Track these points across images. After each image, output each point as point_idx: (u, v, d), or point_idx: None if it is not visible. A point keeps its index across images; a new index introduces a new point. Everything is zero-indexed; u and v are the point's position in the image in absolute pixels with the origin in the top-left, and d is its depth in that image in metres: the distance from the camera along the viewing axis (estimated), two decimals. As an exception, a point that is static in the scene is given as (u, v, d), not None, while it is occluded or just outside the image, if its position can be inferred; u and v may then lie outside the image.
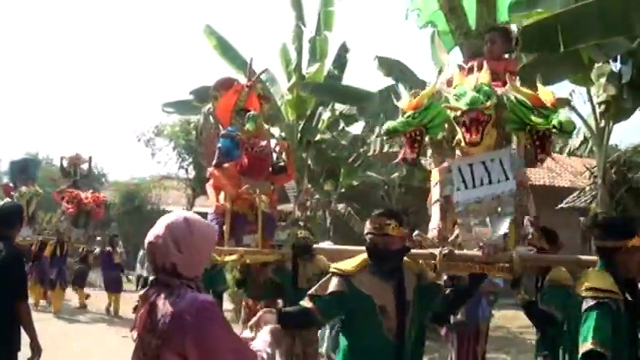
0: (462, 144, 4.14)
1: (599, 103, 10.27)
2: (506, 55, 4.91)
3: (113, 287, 14.93)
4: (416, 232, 4.49)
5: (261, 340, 2.59)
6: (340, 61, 15.28)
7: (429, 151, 4.92)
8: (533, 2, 8.98)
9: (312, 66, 14.60)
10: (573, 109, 10.95)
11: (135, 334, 2.33)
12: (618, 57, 9.64)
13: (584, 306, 3.32)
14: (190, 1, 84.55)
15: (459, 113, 4.06)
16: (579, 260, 4.07)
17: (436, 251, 4.06)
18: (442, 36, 6.39)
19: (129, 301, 16.06)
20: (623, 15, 7.06)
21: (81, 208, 14.66)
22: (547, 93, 4.10)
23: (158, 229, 2.38)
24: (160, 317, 2.23)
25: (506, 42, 4.84)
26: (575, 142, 12.03)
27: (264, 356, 2.43)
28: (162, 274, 2.33)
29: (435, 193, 4.57)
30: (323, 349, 8.79)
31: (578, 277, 3.63)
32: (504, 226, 4.01)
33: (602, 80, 9.87)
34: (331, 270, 3.74)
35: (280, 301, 6.82)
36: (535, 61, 8.73)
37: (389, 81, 12.03)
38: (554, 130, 3.85)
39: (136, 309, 7.47)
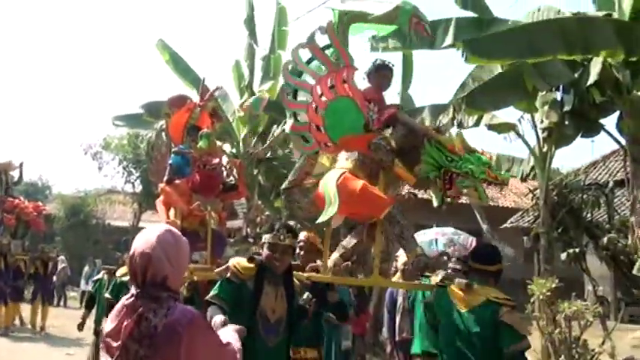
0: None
1: (543, 129, 10.64)
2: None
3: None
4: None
5: (229, 335, 2.71)
6: (294, 80, 15.38)
7: None
8: (480, 29, 9.29)
9: (265, 84, 14.68)
10: (519, 134, 11.31)
11: (114, 343, 2.36)
12: (561, 86, 10.03)
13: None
14: (144, 15, 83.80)
15: None
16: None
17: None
18: None
19: (71, 317, 15.74)
20: (581, 34, 7.43)
21: (20, 217, 14.24)
22: (458, 142, 4.63)
23: (149, 242, 2.41)
24: (151, 329, 2.30)
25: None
26: (526, 167, 12.40)
27: (239, 345, 2.61)
28: (150, 288, 2.38)
29: None
30: None
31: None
32: None
33: (546, 108, 10.24)
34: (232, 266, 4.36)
35: None
36: (481, 87, 9.05)
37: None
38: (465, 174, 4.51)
39: (81, 326, 7.32)
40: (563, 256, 11.15)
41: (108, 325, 2.44)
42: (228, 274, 4.10)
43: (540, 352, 8.47)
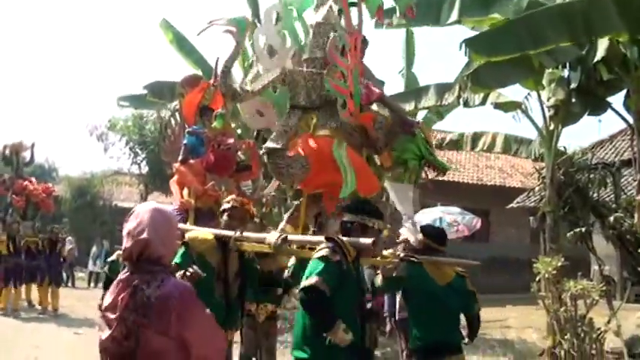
0: None
1: (549, 107, 10.56)
2: None
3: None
4: None
5: None
6: (297, 59, 15.31)
7: None
8: (486, 6, 9.18)
9: (269, 64, 14.60)
10: (525, 113, 11.23)
11: (112, 316, 2.47)
12: (567, 63, 9.93)
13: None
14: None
15: None
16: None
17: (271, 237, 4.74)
18: None
19: (80, 297, 15.84)
20: (584, 18, 7.32)
21: (29, 199, 14.22)
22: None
23: (143, 226, 2.53)
24: (145, 299, 2.43)
25: None
26: (536, 147, 12.34)
27: None
28: (144, 263, 2.52)
29: None
30: None
31: None
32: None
33: (553, 85, 10.15)
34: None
35: None
36: (487, 64, 8.96)
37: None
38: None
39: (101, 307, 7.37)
40: (570, 235, 11.11)
41: (106, 299, 2.56)
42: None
43: (546, 329, 8.47)
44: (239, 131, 14.90)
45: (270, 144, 4.81)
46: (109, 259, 9.39)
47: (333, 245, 3.87)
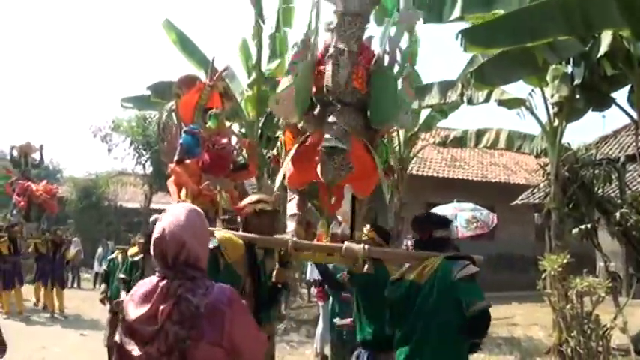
0: None
1: (553, 104, 10.53)
2: None
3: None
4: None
5: None
6: (300, 58, 15.31)
7: None
8: (488, 3, 9.14)
9: (272, 62, 14.58)
10: (529, 109, 11.20)
11: (148, 328, 2.26)
12: (571, 59, 9.90)
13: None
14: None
15: None
16: (414, 255, 4.21)
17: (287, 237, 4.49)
18: None
19: (85, 298, 15.87)
20: (582, 13, 7.26)
21: (32, 200, 14.20)
22: None
23: (180, 225, 2.37)
24: (192, 309, 2.24)
25: None
26: (540, 144, 12.32)
27: None
28: (184, 268, 2.33)
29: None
30: (317, 346, 8.92)
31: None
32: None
33: (556, 81, 10.12)
34: None
35: None
36: (490, 61, 8.92)
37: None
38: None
39: (104, 300, 7.31)
40: (575, 232, 11.08)
41: (134, 310, 2.32)
42: None
43: (552, 327, 8.46)
44: (243, 130, 14.93)
45: (336, 143, 4.44)
46: (109, 257, 9.43)
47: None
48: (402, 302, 3.84)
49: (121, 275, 7.90)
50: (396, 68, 4.80)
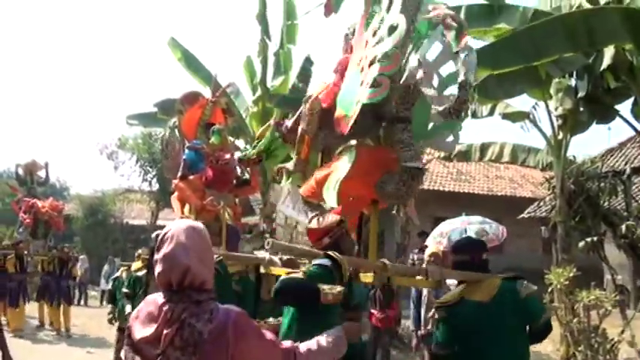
0: None
1: (557, 117, 10.55)
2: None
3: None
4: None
5: (323, 335, 2.66)
6: (304, 74, 15.41)
7: None
8: (491, 16, 9.19)
9: (277, 79, 14.69)
10: (534, 122, 11.22)
11: (153, 351, 2.22)
12: (574, 72, 9.93)
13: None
14: (155, 14, 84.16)
15: None
16: (479, 277, 4.15)
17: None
18: None
19: (92, 316, 15.86)
20: (586, 30, 7.30)
21: (38, 217, 14.20)
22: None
23: (184, 248, 2.29)
24: (196, 335, 2.19)
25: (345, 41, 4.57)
26: (545, 157, 12.31)
27: (305, 348, 2.50)
28: (189, 292, 2.26)
29: None
30: None
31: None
32: None
33: (560, 95, 10.14)
34: None
35: None
36: (494, 75, 8.96)
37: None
38: None
39: (111, 320, 7.17)
40: (582, 245, 11.04)
41: (140, 329, 2.30)
42: None
43: (559, 341, 8.41)
44: (248, 146, 15.00)
45: (417, 164, 4.10)
46: (114, 276, 9.42)
47: None
48: (468, 322, 3.93)
49: (125, 290, 7.92)
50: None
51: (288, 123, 4.60)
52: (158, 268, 2.29)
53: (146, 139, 26.66)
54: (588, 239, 10.64)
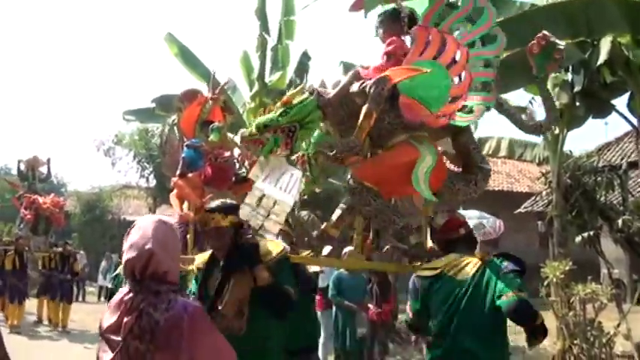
0: None
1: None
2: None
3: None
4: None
5: None
6: (302, 69, 15.42)
7: None
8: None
9: (275, 74, 14.67)
10: (531, 117, 11.24)
11: (115, 338, 2.31)
12: (570, 67, 9.95)
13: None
14: (152, 9, 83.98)
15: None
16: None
17: None
18: None
19: (90, 312, 15.87)
20: (585, 18, 7.32)
21: (39, 213, 14.18)
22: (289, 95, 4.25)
23: (147, 237, 2.36)
24: (152, 323, 2.25)
25: (395, 24, 4.25)
26: (541, 152, 12.34)
27: None
28: (150, 282, 2.33)
29: None
30: (320, 355, 8.91)
31: None
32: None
33: (557, 89, 10.17)
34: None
35: None
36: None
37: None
38: None
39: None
40: (578, 239, 11.09)
41: (107, 319, 2.38)
42: None
43: (555, 334, 8.45)
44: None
45: (489, 166, 4.35)
46: (114, 274, 9.37)
47: None
48: (443, 298, 3.69)
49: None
50: None
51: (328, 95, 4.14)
52: (124, 257, 2.39)
53: (143, 135, 26.59)
54: (585, 234, 10.70)
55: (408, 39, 4.14)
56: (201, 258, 3.77)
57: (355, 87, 3.94)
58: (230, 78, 14.07)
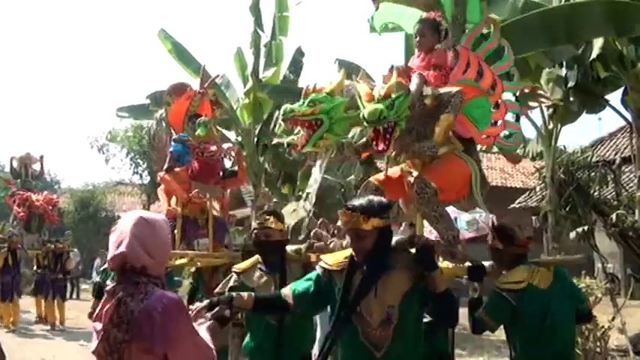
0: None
1: (548, 107, 10.59)
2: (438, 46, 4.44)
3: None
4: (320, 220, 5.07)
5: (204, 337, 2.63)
6: (296, 65, 15.42)
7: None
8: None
9: (268, 70, 14.66)
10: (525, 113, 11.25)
11: (98, 327, 2.36)
12: (564, 62, 9.96)
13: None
14: (145, 5, 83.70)
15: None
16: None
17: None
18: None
19: (84, 309, 15.83)
20: (566, 25, 7.30)
21: (32, 211, 14.10)
22: (387, 86, 3.94)
23: (124, 234, 2.40)
24: (128, 313, 2.29)
25: (434, 34, 4.35)
26: (535, 147, 12.36)
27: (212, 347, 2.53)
28: (130, 274, 2.38)
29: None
30: (316, 352, 8.88)
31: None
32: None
33: (551, 85, 10.18)
34: (232, 269, 4.35)
35: None
36: (485, 65, 8.96)
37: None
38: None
39: (91, 315, 7.24)
40: (572, 234, 11.11)
41: (98, 309, 2.45)
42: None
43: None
44: (239, 138, 14.97)
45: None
46: (101, 268, 9.30)
47: None
48: (533, 310, 3.99)
49: (109, 283, 7.79)
50: None
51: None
52: (109, 251, 2.45)
53: (136, 131, 26.54)
54: (579, 229, 10.72)
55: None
56: (335, 258, 3.39)
57: (428, 90, 3.94)
58: (221, 73, 14.04)
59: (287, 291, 3.36)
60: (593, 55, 8.88)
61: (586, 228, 10.82)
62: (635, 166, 9.65)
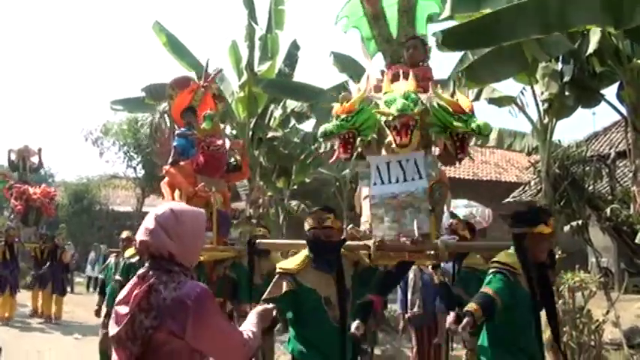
0: (393, 145, 4.41)
1: (543, 101, 10.59)
2: (421, 63, 5.25)
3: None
4: (350, 225, 5.06)
5: (247, 322, 2.72)
6: (291, 59, 15.36)
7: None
8: (477, 1, 9.17)
9: (263, 64, 14.60)
10: (520, 107, 11.25)
11: (122, 311, 2.36)
12: (560, 56, 9.96)
13: (488, 275, 4.02)
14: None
15: (390, 118, 4.30)
16: (494, 245, 4.57)
17: (370, 242, 4.36)
18: (366, 41, 6.32)
19: (79, 303, 15.82)
20: (560, 11, 7.29)
21: (30, 204, 14.04)
22: (465, 100, 4.59)
23: (148, 222, 2.45)
24: (159, 300, 2.31)
25: (423, 50, 5.24)
26: (530, 141, 12.36)
27: (250, 335, 2.57)
28: (161, 261, 2.42)
29: (364, 190, 4.88)
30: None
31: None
32: (425, 219, 4.37)
33: (546, 79, 10.18)
34: (277, 270, 4.17)
35: None
36: (481, 59, 8.97)
37: (342, 77, 12.24)
38: (473, 133, 4.40)
39: (98, 312, 7.13)
40: (567, 228, 11.15)
41: (122, 292, 2.45)
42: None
43: (545, 322, 8.50)
44: (234, 132, 14.94)
45: None
46: (103, 265, 9.23)
47: None
48: (523, 294, 4.02)
49: (117, 277, 7.69)
50: None
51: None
52: (138, 240, 2.47)
53: (131, 124, 26.46)
54: (573, 223, 10.75)
55: None
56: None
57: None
58: (222, 68, 13.99)
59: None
60: (590, 49, 8.87)
61: (580, 222, 10.86)
62: (629, 160, 9.65)
